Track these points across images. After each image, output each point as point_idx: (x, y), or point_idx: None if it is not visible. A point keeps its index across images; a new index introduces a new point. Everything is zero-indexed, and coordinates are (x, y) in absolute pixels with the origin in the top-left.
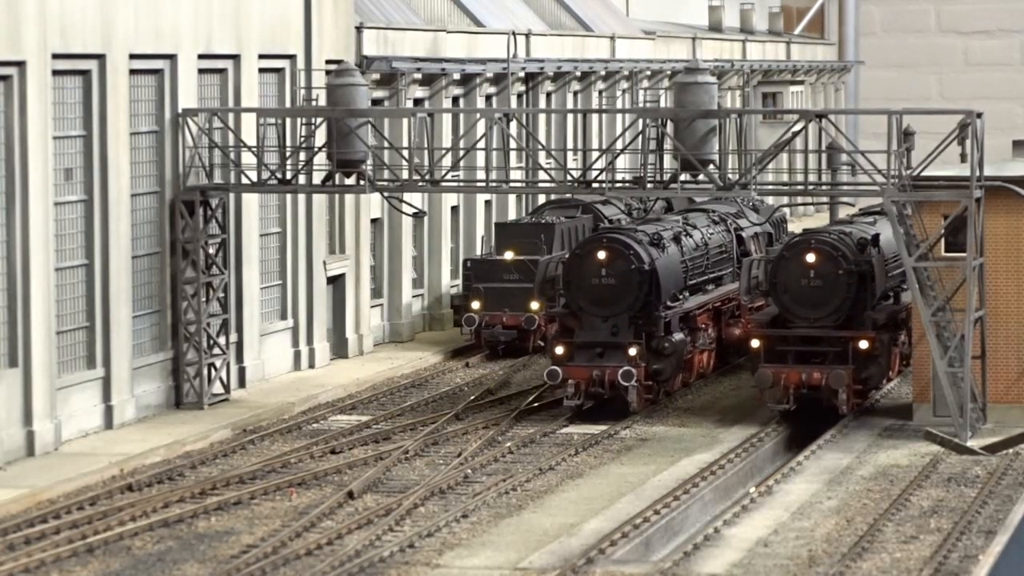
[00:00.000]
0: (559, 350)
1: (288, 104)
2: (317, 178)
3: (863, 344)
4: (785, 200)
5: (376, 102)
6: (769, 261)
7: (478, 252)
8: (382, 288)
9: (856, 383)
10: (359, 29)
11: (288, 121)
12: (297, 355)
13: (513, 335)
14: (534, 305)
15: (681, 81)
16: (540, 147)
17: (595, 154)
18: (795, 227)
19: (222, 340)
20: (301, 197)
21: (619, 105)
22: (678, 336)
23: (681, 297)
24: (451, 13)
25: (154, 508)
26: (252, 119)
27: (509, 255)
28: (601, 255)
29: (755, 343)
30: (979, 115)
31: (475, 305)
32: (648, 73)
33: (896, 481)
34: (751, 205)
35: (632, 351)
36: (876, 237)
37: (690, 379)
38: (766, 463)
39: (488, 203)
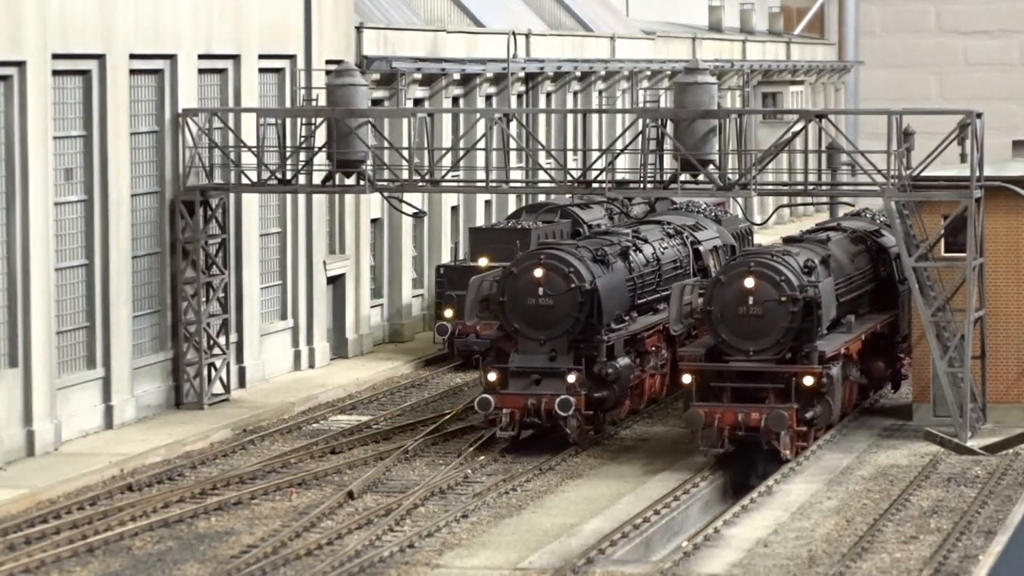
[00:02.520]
0: (491, 376)
1: (288, 104)
2: (317, 178)
3: (808, 380)
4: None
5: (376, 102)
6: (703, 286)
7: (449, 258)
8: (382, 288)
9: (800, 424)
10: (359, 29)
11: (288, 121)
12: (297, 355)
13: (487, 345)
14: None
15: (681, 81)
16: (540, 147)
17: (595, 154)
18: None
19: (222, 340)
20: (301, 197)
21: (619, 105)
22: (623, 361)
23: (628, 318)
24: (451, 13)
25: (154, 508)
26: (252, 119)
27: (483, 262)
28: (537, 273)
29: (686, 378)
30: (979, 115)
31: (448, 313)
32: (648, 73)
33: (896, 481)
34: (712, 216)
35: (571, 378)
36: (827, 258)
37: (640, 405)
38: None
39: (488, 203)
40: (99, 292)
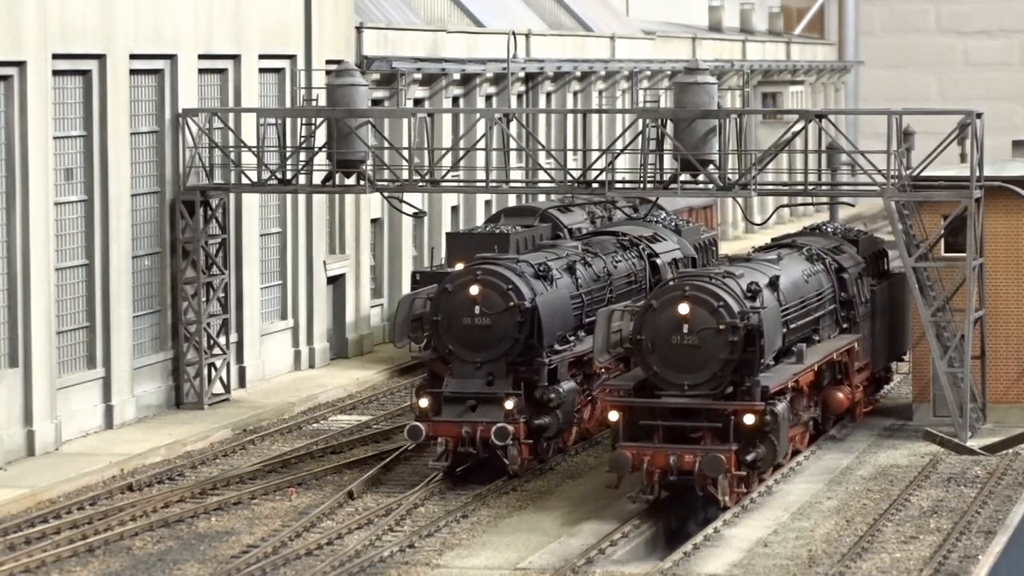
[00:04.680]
0: (423, 403)
1: (288, 104)
2: (317, 178)
3: (748, 419)
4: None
5: (376, 102)
6: (634, 312)
7: (427, 263)
8: (382, 288)
9: (740, 467)
10: (359, 29)
11: (288, 121)
12: (297, 355)
13: None
14: None
15: (681, 81)
16: (540, 147)
17: (595, 154)
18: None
19: (222, 340)
20: (301, 197)
21: (619, 105)
22: (567, 385)
23: (573, 339)
24: (451, 13)
25: (154, 508)
26: (252, 119)
27: (460, 267)
28: (473, 290)
29: (613, 415)
30: (979, 115)
31: None
32: (648, 73)
33: (896, 481)
34: (672, 226)
35: (509, 404)
36: (775, 280)
37: (590, 433)
38: None
39: (488, 203)
40: (99, 292)
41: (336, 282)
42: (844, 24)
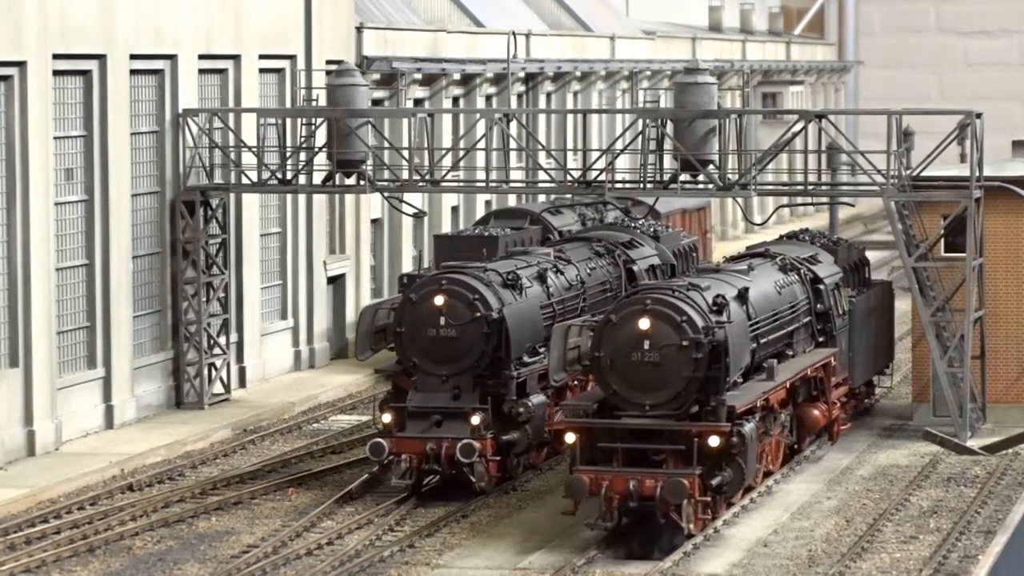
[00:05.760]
0: (386, 418)
1: (288, 104)
2: (317, 178)
3: (713, 441)
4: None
5: (376, 102)
6: (592, 327)
7: (414, 266)
8: (382, 288)
9: (705, 493)
10: (359, 29)
11: (288, 121)
12: (297, 355)
13: None
14: None
15: (681, 81)
16: (540, 147)
17: (595, 154)
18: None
19: (222, 340)
20: (301, 197)
21: (619, 105)
22: (537, 399)
23: (544, 350)
24: (451, 13)
25: (154, 508)
26: (252, 119)
27: None
28: (438, 301)
29: (570, 437)
30: (979, 115)
31: None
32: (648, 73)
33: (896, 481)
34: (651, 232)
35: (475, 419)
36: (744, 291)
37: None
38: None
39: (488, 203)
40: (99, 292)
41: (336, 282)
42: (844, 24)
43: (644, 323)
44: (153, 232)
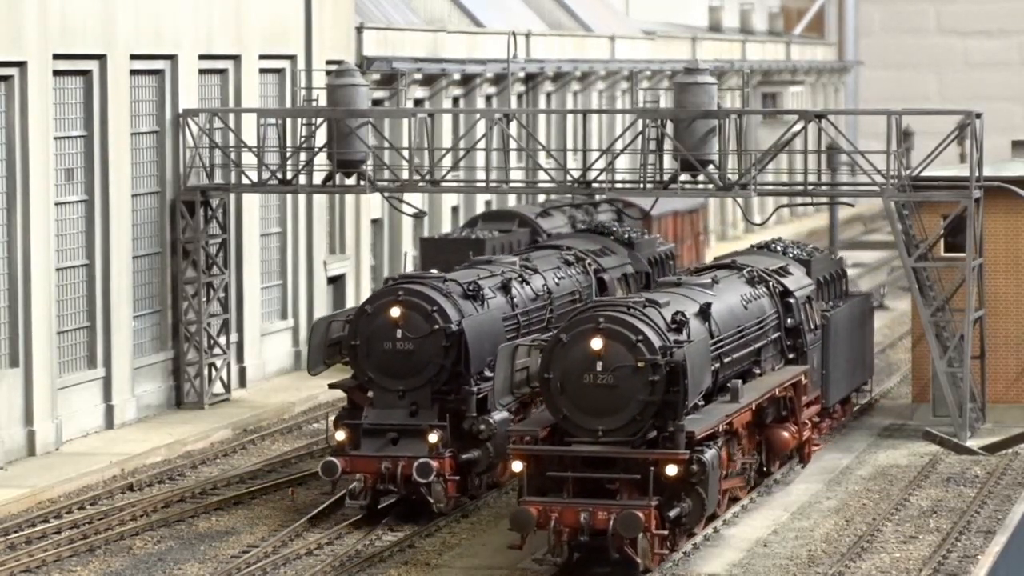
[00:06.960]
0: (340, 435)
1: (288, 104)
2: (317, 178)
3: (671, 470)
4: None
5: (376, 102)
6: (541, 347)
7: (401, 269)
8: None
9: (662, 525)
10: (359, 29)
11: (288, 121)
12: (297, 355)
13: None
14: None
15: (681, 81)
16: (540, 147)
17: (595, 154)
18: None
19: (223, 340)
20: (301, 197)
21: (619, 105)
22: (499, 415)
23: None
24: (451, 13)
25: (155, 508)
26: (252, 119)
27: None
28: (394, 312)
29: (517, 466)
30: (978, 115)
31: None
32: (648, 73)
33: (895, 481)
34: (625, 239)
35: (433, 437)
36: (706, 307)
37: None
38: None
39: (488, 203)
40: (100, 292)
41: (336, 282)
42: (844, 24)
43: (597, 343)
44: (153, 232)
